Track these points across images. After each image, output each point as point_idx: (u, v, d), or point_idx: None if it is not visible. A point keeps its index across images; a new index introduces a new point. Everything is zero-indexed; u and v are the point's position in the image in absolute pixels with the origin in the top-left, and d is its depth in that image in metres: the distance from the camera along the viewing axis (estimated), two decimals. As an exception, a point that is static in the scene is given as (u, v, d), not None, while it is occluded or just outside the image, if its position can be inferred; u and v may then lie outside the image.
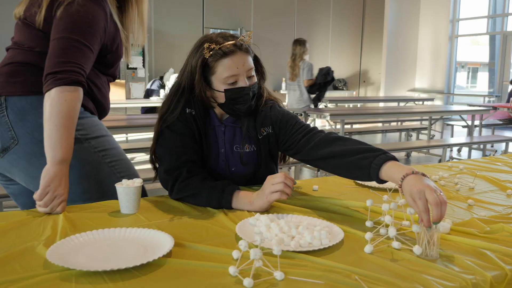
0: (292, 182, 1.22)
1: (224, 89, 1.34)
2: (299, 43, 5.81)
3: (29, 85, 1.36)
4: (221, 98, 1.36)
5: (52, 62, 1.25)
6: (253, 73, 1.38)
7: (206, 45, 1.32)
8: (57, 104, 1.21)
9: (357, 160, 1.20)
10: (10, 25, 1.51)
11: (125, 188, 1.19)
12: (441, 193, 0.99)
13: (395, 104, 8.87)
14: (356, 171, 1.21)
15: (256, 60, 1.43)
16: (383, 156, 1.17)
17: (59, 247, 0.92)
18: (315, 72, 5.87)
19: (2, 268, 0.84)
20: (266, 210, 1.23)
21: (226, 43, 1.32)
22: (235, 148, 1.43)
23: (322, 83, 5.77)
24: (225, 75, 1.32)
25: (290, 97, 5.97)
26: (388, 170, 1.14)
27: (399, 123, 8.12)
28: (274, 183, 1.20)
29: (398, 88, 11.25)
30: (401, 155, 6.37)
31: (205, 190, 1.27)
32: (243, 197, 1.25)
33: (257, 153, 1.43)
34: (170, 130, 1.36)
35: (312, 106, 5.90)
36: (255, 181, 1.45)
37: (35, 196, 1.18)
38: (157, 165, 1.42)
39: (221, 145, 1.42)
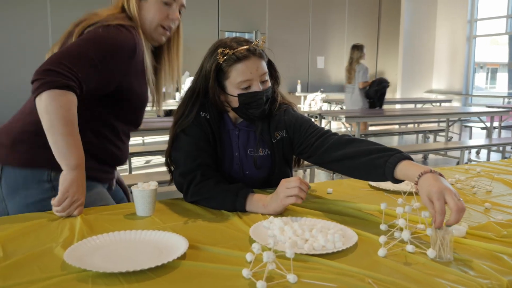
0: (306, 186, 1.22)
1: (238, 94, 1.35)
2: (357, 48, 6.22)
3: (28, 158, 1.31)
4: (235, 103, 1.37)
5: (50, 59, 1.19)
6: (267, 77, 1.39)
7: (220, 50, 1.33)
8: (53, 112, 1.16)
9: (372, 160, 1.19)
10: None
11: (141, 191, 1.21)
12: (460, 199, 0.98)
13: (412, 105, 8.78)
14: (370, 171, 1.20)
15: (270, 64, 1.44)
16: (398, 155, 1.16)
17: (76, 249, 0.94)
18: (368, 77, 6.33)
19: (21, 269, 0.86)
20: (280, 213, 1.24)
21: (240, 48, 1.33)
22: (249, 151, 1.44)
23: (376, 97, 6.05)
24: (238, 80, 1.34)
25: (347, 99, 6.43)
26: (403, 168, 1.12)
27: (416, 125, 8.04)
28: (289, 187, 1.21)
29: (415, 90, 11.14)
30: (418, 157, 6.30)
31: (219, 193, 1.28)
32: (257, 200, 1.26)
33: (271, 157, 1.44)
34: (185, 134, 1.38)
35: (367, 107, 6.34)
36: (269, 184, 1.46)
37: (54, 202, 1.20)
38: (173, 168, 1.44)
39: (235, 148, 1.43)
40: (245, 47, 1.34)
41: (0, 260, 0.90)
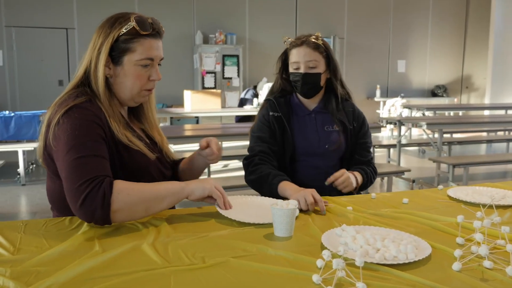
0: (312, 207, 1.37)
1: (290, 72, 1.75)
2: None
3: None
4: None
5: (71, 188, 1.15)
6: (314, 65, 1.70)
7: (284, 38, 1.78)
8: (131, 204, 1.17)
9: None
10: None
11: (280, 210, 1.15)
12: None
13: (502, 112, 8.18)
14: None
15: (329, 58, 1.74)
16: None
17: None
18: None
19: (115, 262, 0.97)
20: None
21: (298, 38, 1.73)
22: (326, 128, 1.77)
23: None
24: (291, 61, 1.74)
25: None
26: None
27: (506, 132, 7.49)
28: (308, 201, 1.36)
29: (506, 95, 10.35)
30: (508, 167, 5.87)
31: (265, 176, 1.61)
32: (286, 186, 1.54)
33: (344, 132, 1.76)
34: (252, 135, 1.78)
35: None
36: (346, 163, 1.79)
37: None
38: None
39: (314, 128, 1.77)
40: (302, 38, 1.71)
41: (97, 253, 1.02)
